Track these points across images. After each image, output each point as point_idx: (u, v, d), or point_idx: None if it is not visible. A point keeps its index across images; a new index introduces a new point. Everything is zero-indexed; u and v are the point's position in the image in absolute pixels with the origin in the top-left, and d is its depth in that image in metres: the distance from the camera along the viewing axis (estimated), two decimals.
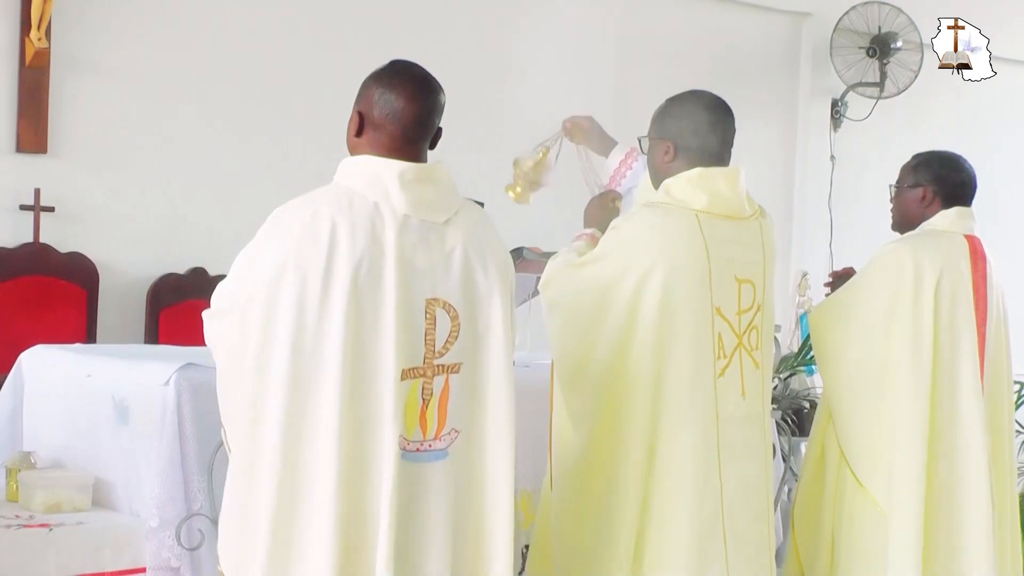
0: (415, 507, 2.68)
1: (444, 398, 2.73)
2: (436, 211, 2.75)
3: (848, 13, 7.48)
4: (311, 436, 2.61)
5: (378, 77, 2.79)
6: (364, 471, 2.63)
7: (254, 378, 2.64)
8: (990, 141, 8.07)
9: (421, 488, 2.69)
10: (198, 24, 5.89)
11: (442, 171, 2.80)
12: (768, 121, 7.52)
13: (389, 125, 2.76)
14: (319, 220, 2.64)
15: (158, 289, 5.76)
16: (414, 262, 2.69)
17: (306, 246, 2.62)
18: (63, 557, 3.43)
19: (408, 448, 2.68)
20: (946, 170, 4.05)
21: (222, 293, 2.78)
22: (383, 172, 2.71)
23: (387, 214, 2.68)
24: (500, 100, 6.43)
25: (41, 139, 5.51)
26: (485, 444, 2.78)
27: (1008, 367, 4.13)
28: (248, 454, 2.66)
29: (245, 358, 2.66)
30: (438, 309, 2.72)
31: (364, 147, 2.78)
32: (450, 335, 2.73)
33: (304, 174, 5.80)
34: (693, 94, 3.46)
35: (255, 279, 2.66)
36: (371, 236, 2.65)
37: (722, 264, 3.32)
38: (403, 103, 2.75)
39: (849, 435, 3.92)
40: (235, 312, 2.70)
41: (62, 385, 3.96)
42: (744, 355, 3.37)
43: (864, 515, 3.88)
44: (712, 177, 3.36)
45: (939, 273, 3.89)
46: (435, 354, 2.71)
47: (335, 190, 2.72)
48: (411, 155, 2.77)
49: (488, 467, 2.78)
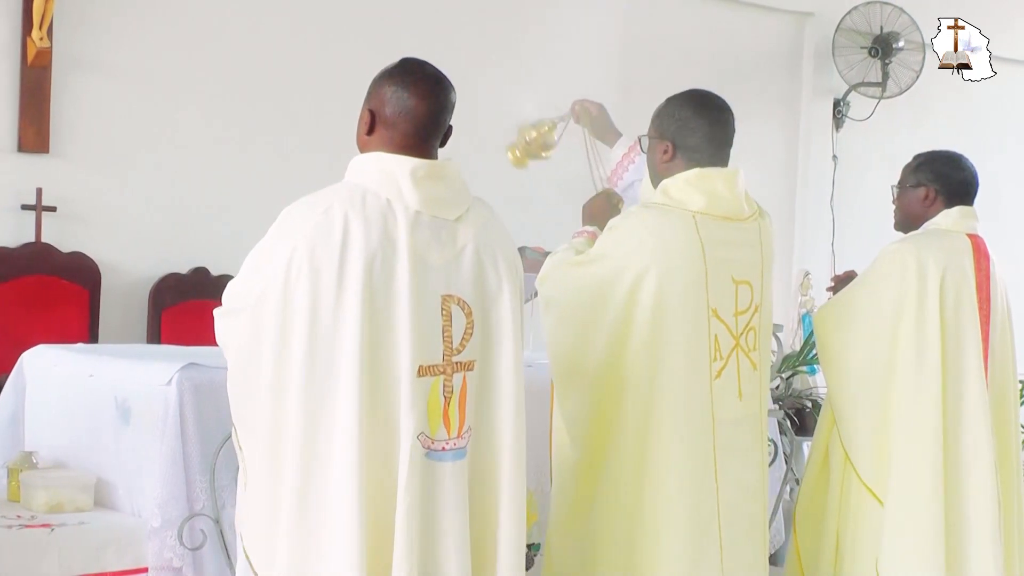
0: (436, 506, 2.68)
1: (463, 396, 2.72)
2: (448, 208, 2.75)
3: (850, 13, 7.49)
4: (329, 434, 2.61)
5: (390, 75, 2.79)
6: (383, 467, 2.63)
7: (270, 374, 2.64)
8: (992, 140, 8.08)
9: (442, 487, 2.68)
10: (200, 24, 5.90)
11: (453, 168, 2.80)
12: (770, 121, 7.53)
13: (402, 123, 2.75)
14: (332, 216, 2.64)
15: (160, 289, 5.77)
16: (427, 258, 2.69)
17: (320, 242, 2.62)
18: (65, 557, 3.42)
19: (432, 447, 2.67)
20: (948, 169, 4.04)
21: (234, 292, 2.78)
22: (395, 169, 2.71)
23: (399, 211, 2.68)
24: (504, 100, 6.42)
25: (43, 139, 5.52)
26: (497, 443, 2.78)
27: (1013, 365, 4.12)
28: (268, 453, 2.65)
29: (259, 356, 2.66)
30: (453, 306, 2.72)
31: (376, 145, 2.78)
32: (466, 332, 2.73)
33: (306, 174, 5.80)
34: (691, 94, 3.44)
35: (269, 277, 2.65)
36: (384, 232, 2.65)
37: (719, 265, 3.31)
38: (416, 101, 2.75)
39: (854, 437, 3.91)
40: (248, 310, 2.69)
41: (64, 385, 3.96)
42: (741, 356, 3.36)
43: (870, 517, 3.86)
44: (710, 178, 3.35)
45: (943, 272, 3.88)
46: (453, 351, 2.71)
47: (347, 187, 2.72)
48: (423, 152, 2.76)
49: (500, 466, 2.78)
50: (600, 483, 3.28)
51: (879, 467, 3.87)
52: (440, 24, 6.34)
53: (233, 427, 2.82)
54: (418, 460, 2.64)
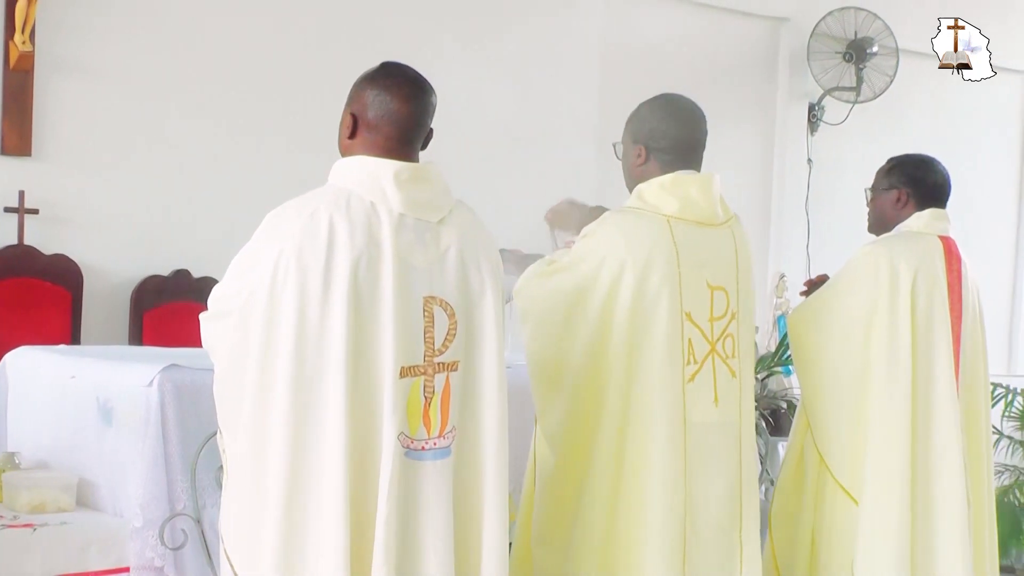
0: (417, 505, 2.70)
1: (446, 396, 2.74)
2: (431, 211, 2.77)
3: (825, 18, 7.53)
4: (317, 434, 2.63)
5: (371, 79, 2.80)
6: (367, 468, 2.65)
7: (257, 378, 2.65)
8: (965, 144, 8.14)
9: (423, 486, 2.70)
10: (182, 27, 5.90)
11: (435, 171, 2.82)
12: (746, 125, 7.57)
13: (385, 126, 2.77)
14: (318, 219, 2.65)
15: (142, 291, 5.77)
16: (411, 260, 2.71)
17: (307, 245, 2.64)
18: (47, 557, 3.43)
19: (412, 447, 2.69)
20: (920, 172, 4.07)
21: (221, 295, 2.79)
22: (379, 172, 2.73)
23: (383, 213, 2.70)
24: (484, 105, 6.46)
25: (25, 142, 5.52)
26: (481, 443, 2.80)
27: (984, 366, 4.13)
28: (253, 453, 2.67)
29: (247, 357, 2.67)
30: (436, 307, 2.74)
31: (358, 148, 2.79)
32: (448, 333, 2.75)
33: (289, 176, 5.83)
34: (664, 98, 3.46)
35: (256, 279, 2.66)
36: (369, 234, 2.67)
37: (693, 270, 3.32)
38: (398, 104, 2.77)
39: (828, 438, 3.92)
40: (235, 313, 2.70)
41: (46, 386, 3.97)
42: (718, 362, 3.36)
43: (846, 517, 3.88)
44: (684, 183, 3.37)
45: (915, 274, 3.90)
46: (435, 352, 2.73)
47: (332, 190, 2.73)
48: (406, 155, 2.79)
49: (483, 466, 2.79)
50: (579, 489, 3.29)
51: (854, 468, 3.88)
52: (420, 27, 6.35)
53: (218, 430, 2.83)
54: (398, 460, 2.66)
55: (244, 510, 2.70)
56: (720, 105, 6.78)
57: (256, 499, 2.67)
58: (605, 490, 3.27)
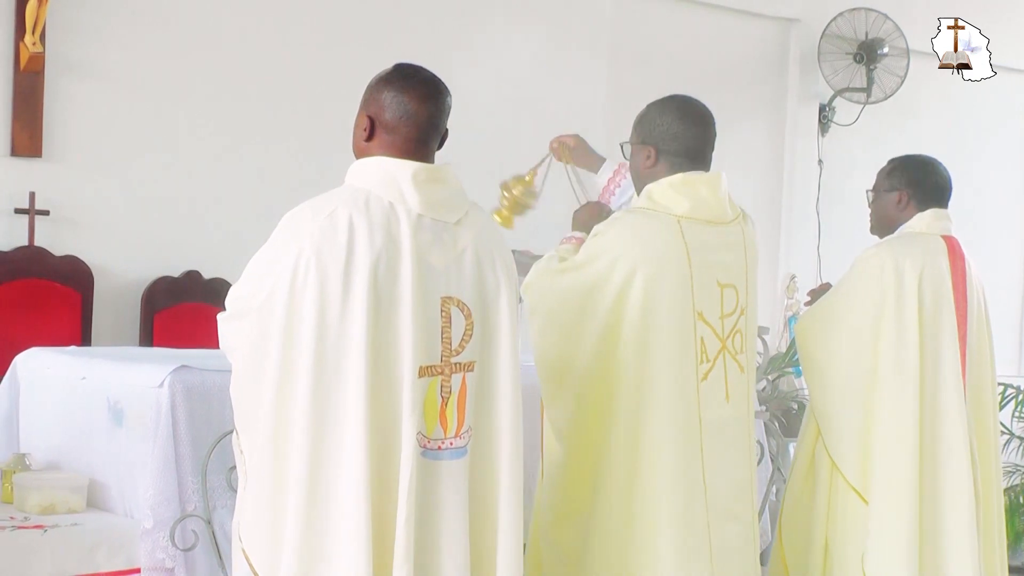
0: (434, 505, 2.70)
1: (462, 396, 2.75)
2: (448, 211, 2.78)
3: (835, 19, 7.53)
4: (338, 434, 2.63)
5: (388, 80, 2.80)
6: (386, 468, 2.65)
7: (277, 377, 2.65)
8: (975, 144, 8.14)
9: (440, 486, 2.71)
10: (192, 28, 5.91)
11: (451, 172, 2.82)
12: (757, 126, 7.57)
13: (403, 128, 2.78)
14: (337, 219, 2.66)
15: (152, 292, 5.78)
16: (430, 261, 2.71)
17: (326, 245, 2.64)
18: (58, 558, 3.44)
19: (428, 446, 2.70)
20: (920, 173, 4.07)
21: (239, 296, 2.78)
22: (397, 173, 2.74)
23: (402, 214, 2.70)
24: (493, 106, 6.46)
25: (36, 143, 5.53)
26: (496, 443, 2.80)
27: (991, 365, 4.14)
28: (273, 454, 2.66)
29: (266, 358, 2.66)
30: (453, 307, 2.74)
31: (376, 150, 2.79)
32: (465, 333, 2.76)
33: (299, 177, 5.88)
34: (673, 99, 3.47)
35: (275, 279, 2.66)
36: (388, 235, 2.68)
37: (704, 269, 3.33)
38: (416, 105, 2.77)
39: (839, 443, 3.92)
40: (254, 313, 2.70)
41: (57, 387, 3.97)
42: (728, 359, 3.38)
43: (857, 518, 3.88)
44: (694, 183, 3.38)
45: (920, 274, 3.90)
46: (452, 352, 2.74)
47: (350, 191, 2.74)
48: (423, 156, 2.79)
49: (499, 466, 2.80)
50: (592, 485, 3.29)
51: (865, 469, 3.88)
52: (428, 33, 6.35)
53: (235, 431, 2.82)
54: (416, 459, 2.66)
55: (263, 510, 2.70)
56: (731, 106, 6.80)
57: (276, 499, 2.66)
58: (620, 488, 3.27)
